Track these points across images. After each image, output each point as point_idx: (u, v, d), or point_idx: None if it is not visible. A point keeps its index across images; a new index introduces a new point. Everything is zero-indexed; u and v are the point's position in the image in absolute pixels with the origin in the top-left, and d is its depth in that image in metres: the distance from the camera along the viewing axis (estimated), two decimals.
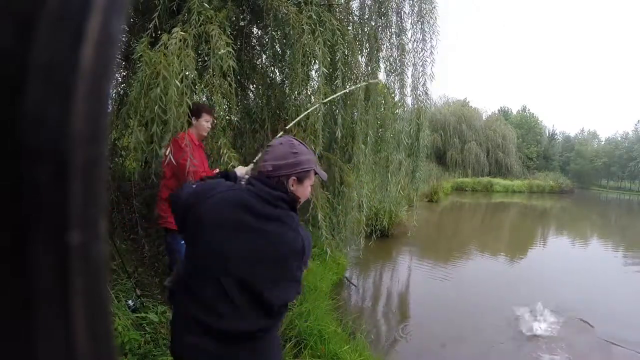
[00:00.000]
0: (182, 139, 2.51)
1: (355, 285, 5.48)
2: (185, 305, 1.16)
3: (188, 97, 2.67)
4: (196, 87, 2.96)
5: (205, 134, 2.81)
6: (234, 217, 1.11)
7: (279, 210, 1.13)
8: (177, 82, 2.51)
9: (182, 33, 2.68)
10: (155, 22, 2.87)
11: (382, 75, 4.39)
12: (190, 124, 2.67)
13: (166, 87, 2.51)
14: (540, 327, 4.27)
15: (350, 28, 4.46)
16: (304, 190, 1.19)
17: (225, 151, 2.87)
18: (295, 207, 1.17)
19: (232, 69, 2.87)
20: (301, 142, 1.22)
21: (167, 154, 2.52)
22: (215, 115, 2.89)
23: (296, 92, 3.69)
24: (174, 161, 2.49)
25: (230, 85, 2.96)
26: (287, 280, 1.14)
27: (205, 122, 2.73)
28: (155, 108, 2.51)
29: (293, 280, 1.15)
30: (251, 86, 4.41)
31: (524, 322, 4.40)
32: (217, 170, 1.19)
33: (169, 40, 2.63)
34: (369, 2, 4.44)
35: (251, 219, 1.10)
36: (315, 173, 1.22)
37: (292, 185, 1.16)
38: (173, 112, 2.53)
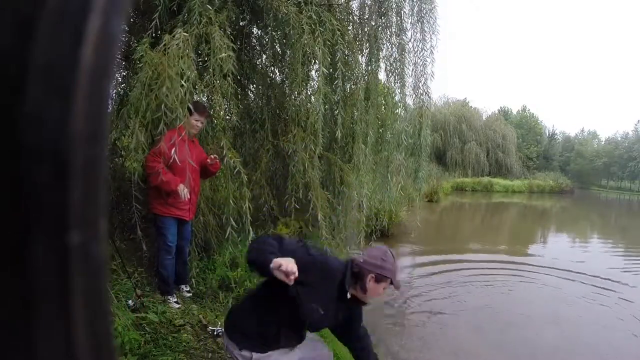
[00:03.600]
0: (169, 133, 2.68)
1: None
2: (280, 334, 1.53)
3: (188, 98, 2.73)
4: (196, 87, 2.97)
5: (194, 131, 2.90)
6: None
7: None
8: (182, 82, 2.57)
9: (185, 34, 2.69)
10: (156, 22, 2.88)
11: (382, 75, 4.39)
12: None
13: (173, 87, 2.55)
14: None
15: (350, 28, 4.46)
16: (377, 289, 1.52)
17: (226, 152, 2.90)
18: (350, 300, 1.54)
19: (232, 70, 2.90)
20: (393, 256, 1.54)
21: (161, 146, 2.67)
22: (207, 116, 2.97)
23: (296, 92, 3.69)
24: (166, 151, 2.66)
25: (230, 85, 2.96)
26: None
27: (194, 121, 2.84)
28: (162, 107, 2.55)
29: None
30: (251, 86, 4.40)
31: (524, 322, 4.40)
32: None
33: (170, 41, 2.63)
34: (369, 2, 4.44)
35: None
36: (391, 283, 1.52)
37: (370, 282, 1.49)
38: (168, 113, 2.60)
